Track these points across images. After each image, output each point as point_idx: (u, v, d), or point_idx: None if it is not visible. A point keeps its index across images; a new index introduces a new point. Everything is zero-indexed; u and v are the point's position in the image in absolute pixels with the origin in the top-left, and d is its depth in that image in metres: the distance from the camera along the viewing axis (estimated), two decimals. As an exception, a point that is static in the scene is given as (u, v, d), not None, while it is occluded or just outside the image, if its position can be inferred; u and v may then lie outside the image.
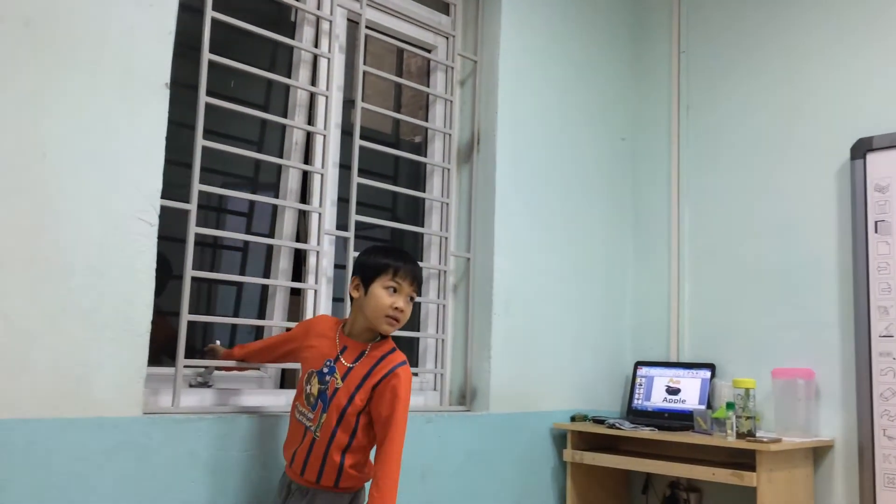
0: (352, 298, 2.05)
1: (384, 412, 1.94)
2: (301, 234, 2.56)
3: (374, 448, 1.98)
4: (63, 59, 1.90)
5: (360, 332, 2.03)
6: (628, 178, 3.52)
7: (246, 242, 2.58)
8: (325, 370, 1.99)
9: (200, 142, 2.22)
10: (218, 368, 2.29)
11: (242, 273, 2.90)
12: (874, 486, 2.66)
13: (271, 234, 2.57)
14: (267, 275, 2.59)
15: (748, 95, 3.22)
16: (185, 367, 2.16)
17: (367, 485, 1.98)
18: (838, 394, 2.84)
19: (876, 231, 2.77)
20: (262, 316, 2.58)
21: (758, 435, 2.65)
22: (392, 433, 1.93)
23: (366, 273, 2.01)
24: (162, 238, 2.04)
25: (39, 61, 1.87)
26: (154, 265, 2.03)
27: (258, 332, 2.59)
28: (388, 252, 2.05)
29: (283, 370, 2.51)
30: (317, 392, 1.98)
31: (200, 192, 2.23)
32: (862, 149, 2.83)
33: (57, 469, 1.82)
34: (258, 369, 2.45)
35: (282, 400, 2.39)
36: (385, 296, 1.97)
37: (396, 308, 1.98)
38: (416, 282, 2.03)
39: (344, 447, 1.95)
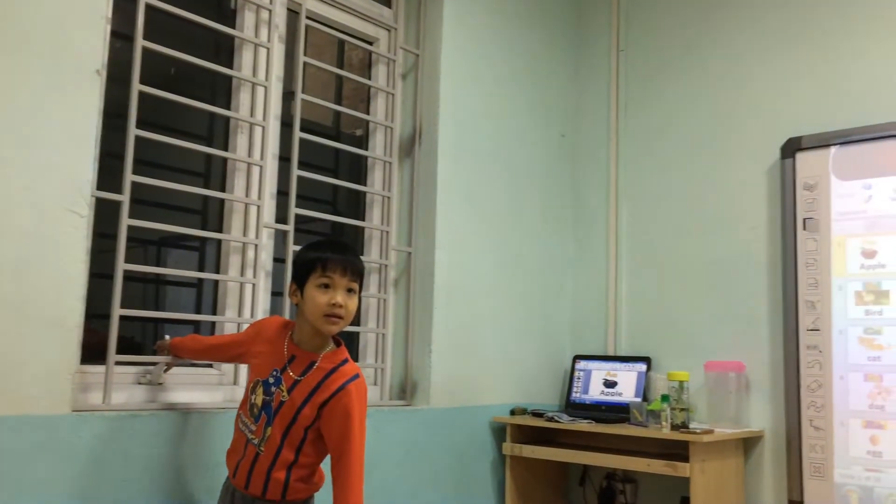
0: (296, 306, 1.91)
1: (335, 432, 1.81)
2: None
3: (327, 458, 1.86)
4: (-13, 43, 1.82)
5: (308, 340, 1.87)
6: (568, 174, 3.55)
7: (203, 241, 2.51)
8: (271, 380, 1.86)
9: (133, 131, 2.16)
10: (167, 365, 2.22)
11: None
12: (801, 475, 2.76)
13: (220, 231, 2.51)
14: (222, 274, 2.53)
15: (685, 94, 3.29)
16: (117, 363, 2.09)
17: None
18: (768, 386, 2.93)
19: (804, 228, 2.86)
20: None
21: (691, 426, 2.71)
22: (350, 452, 1.79)
23: (298, 275, 1.86)
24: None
25: (-39, 44, 1.79)
26: (85, 258, 1.97)
27: (213, 328, 2.51)
28: (316, 246, 1.90)
29: (236, 366, 2.44)
30: (261, 403, 1.86)
31: (146, 187, 2.17)
32: (791, 148, 2.92)
33: (-20, 470, 1.75)
34: (211, 366, 2.40)
35: (218, 396, 2.35)
36: (319, 295, 1.81)
37: (334, 304, 1.81)
38: (351, 271, 1.84)
39: (290, 463, 1.83)
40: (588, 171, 3.53)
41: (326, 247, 1.88)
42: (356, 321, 2.90)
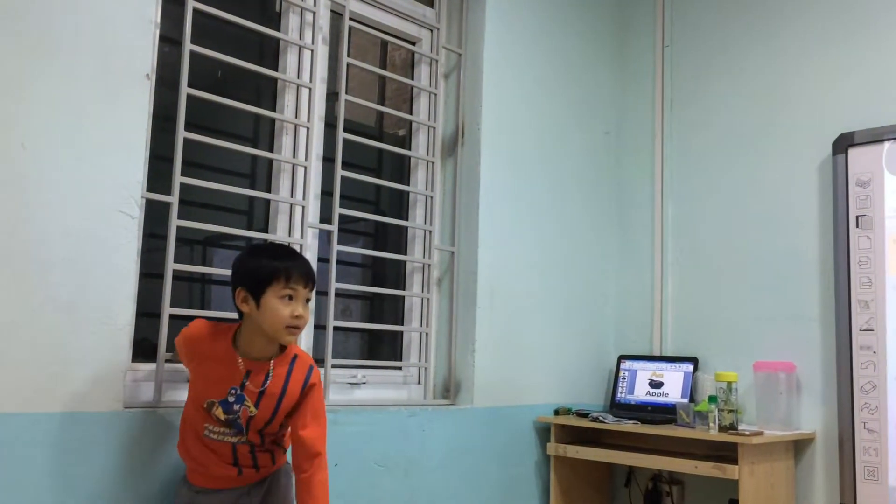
0: (240, 313, 1.84)
1: (309, 419, 1.85)
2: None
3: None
4: (40, 49, 1.87)
5: (258, 349, 1.83)
6: (612, 172, 3.52)
7: (248, 241, 2.55)
8: (231, 399, 1.81)
9: (182, 133, 2.20)
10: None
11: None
12: (854, 479, 2.69)
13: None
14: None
15: (732, 90, 3.24)
16: (167, 361, 2.14)
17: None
18: (819, 387, 2.86)
19: (857, 226, 2.79)
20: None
21: (740, 428, 2.66)
22: (321, 434, 1.85)
23: (253, 282, 1.78)
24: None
25: (16, 51, 1.84)
26: (136, 259, 2.01)
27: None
28: (273, 253, 1.85)
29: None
30: (225, 420, 1.83)
31: (194, 188, 2.22)
32: (843, 144, 2.85)
33: (36, 464, 1.79)
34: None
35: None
36: (282, 307, 1.77)
37: (297, 316, 1.79)
38: (312, 282, 1.83)
39: (273, 445, 1.92)
40: (633, 168, 3.49)
41: (285, 256, 1.84)
42: (400, 320, 2.92)
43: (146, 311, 2.15)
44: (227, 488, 1.90)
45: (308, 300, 1.85)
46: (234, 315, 1.92)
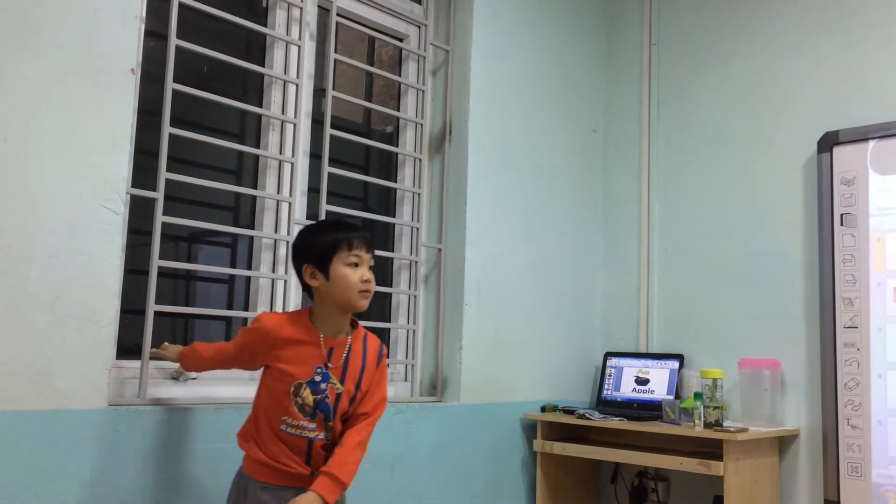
0: (309, 289, 1.89)
1: (377, 392, 1.92)
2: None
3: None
4: (24, 42, 1.85)
5: (333, 325, 1.88)
6: (599, 170, 3.53)
7: (234, 237, 2.54)
8: (318, 378, 1.84)
9: (167, 129, 2.19)
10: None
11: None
12: (838, 475, 2.71)
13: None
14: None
15: (719, 88, 3.25)
16: (152, 358, 2.12)
17: None
18: (803, 384, 2.88)
19: (842, 224, 2.81)
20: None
21: (725, 425, 2.68)
22: (381, 406, 1.92)
23: (318, 256, 1.85)
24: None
25: None
26: (121, 255, 2.00)
27: (244, 324, 2.53)
28: (332, 227, 1.93)
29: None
30: (312, 402, 1.83)
31: (180, 184, 2.20)
32: (828, 142, 2.86)
33: (19, 462, 1.78)
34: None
35: (251, 392, 2.36)
36: (350, 272, 1.83)
37: (367, 280, 1.85)
38: (372, 247, 1.90)
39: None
40: (619, 166, 3.50)
41: (345, 227, 1.91)
42: (387, 317, 2.91)
43: (131, 308, 2.14)
44: (295, 486, 1.82)
45: (371, 266, 1.89)
46: (218, 312, 1.90)
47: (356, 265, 1.85)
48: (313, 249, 1.87)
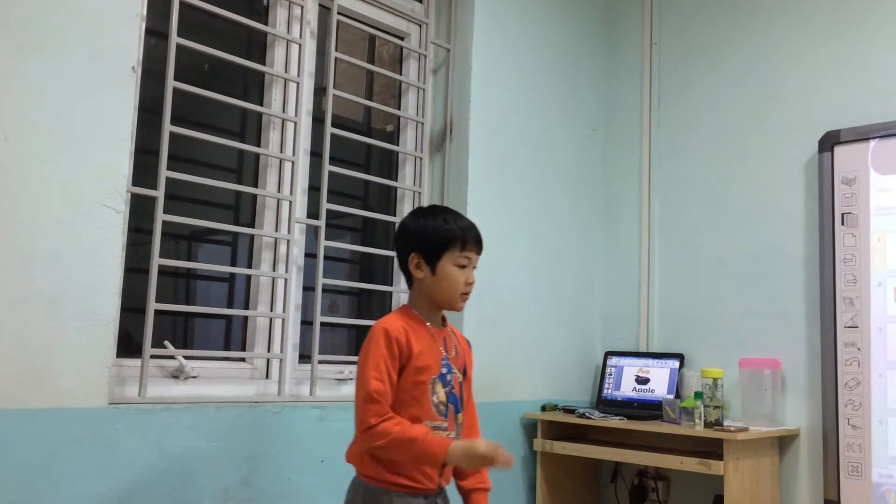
0: (411, 279, 1.81)
1: (469, 375, 1.89)
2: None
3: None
4: (25, 41, 1.85)
5: (437, 316, 1.82)
6: (600, 169, 3.52)
7: (235, 236, 2.53)
8: (444, 370, 1.78)
9: (168, 127, 2.19)
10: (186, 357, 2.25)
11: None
12: (838, 474, 2.71)
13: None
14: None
15: (719, 87, 3.25)
16: (152, 356, 2.12)
17: None
18: (804, 383, 2.88)
19: (843, 223, 2.81)
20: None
21: (725, 424, 2.68)
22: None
23: (428, 248, 1.75)
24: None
25: (0, 42, 1.81)
26: (121, 253, 2.00)
27: (244, 323, 2.53)
28: (448, 217, 1.79)
29: (269, 360, 2.46)
30: (445, 397, 1.78)
31: (180, 183, 2.20)
32: (829, 142, 2.86)
33: (20, 460, 1.78)
34: (244, 361, 2.41)
35: (251, 390, 2.37)
36: (458, 274, 1.75)
37: (469, 283, 1.78)
38: (482, 248, 1.82)
39: None
40: (620, 165, 3.50)
41: (461, 220, 1.80)
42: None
43: (131, 307, 2.14)
44: (424, 493, 1.75)
45: (475, 267, 1.82)
46: (218, 311, 1.89)
47: (464, 266, 1.78)
48: (424, 239, 1.77)
